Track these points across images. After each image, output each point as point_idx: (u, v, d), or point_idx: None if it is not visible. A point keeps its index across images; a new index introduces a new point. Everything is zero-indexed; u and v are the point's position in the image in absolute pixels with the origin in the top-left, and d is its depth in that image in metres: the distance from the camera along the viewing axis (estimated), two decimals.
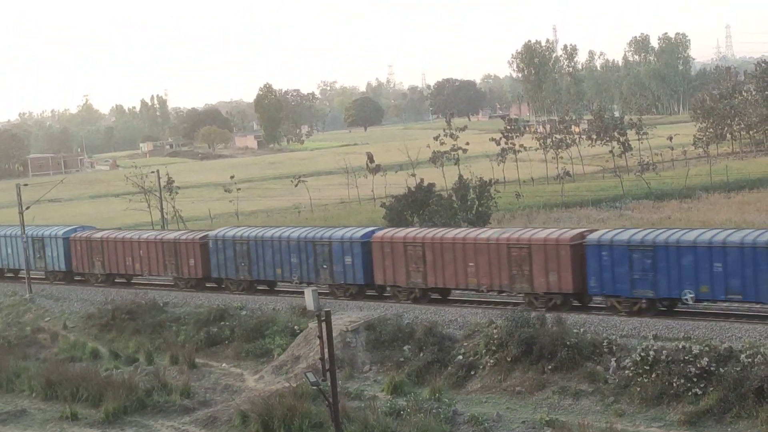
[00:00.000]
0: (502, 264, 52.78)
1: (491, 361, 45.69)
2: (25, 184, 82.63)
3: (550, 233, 52.64)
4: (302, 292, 62.40)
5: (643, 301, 48.65)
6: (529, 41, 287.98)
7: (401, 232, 59.08)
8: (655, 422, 39.00)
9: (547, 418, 40.19)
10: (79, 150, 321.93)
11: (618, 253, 48.84)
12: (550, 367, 44.04)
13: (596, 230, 53.07)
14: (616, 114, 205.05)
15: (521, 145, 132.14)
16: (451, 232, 57.06)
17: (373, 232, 60.04)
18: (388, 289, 59.04)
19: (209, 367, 53.55)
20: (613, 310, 49.50)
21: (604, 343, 44.14)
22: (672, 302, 48.69)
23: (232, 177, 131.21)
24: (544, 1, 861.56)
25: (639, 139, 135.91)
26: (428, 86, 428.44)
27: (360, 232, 60.21)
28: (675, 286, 47.30)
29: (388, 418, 41.41)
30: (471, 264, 54.16)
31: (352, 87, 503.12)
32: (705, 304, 48.18)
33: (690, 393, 39.51)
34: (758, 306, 47.11)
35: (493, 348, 45.98)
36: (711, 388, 39.14)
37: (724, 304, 47.90)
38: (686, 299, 47.42)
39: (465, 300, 57.05)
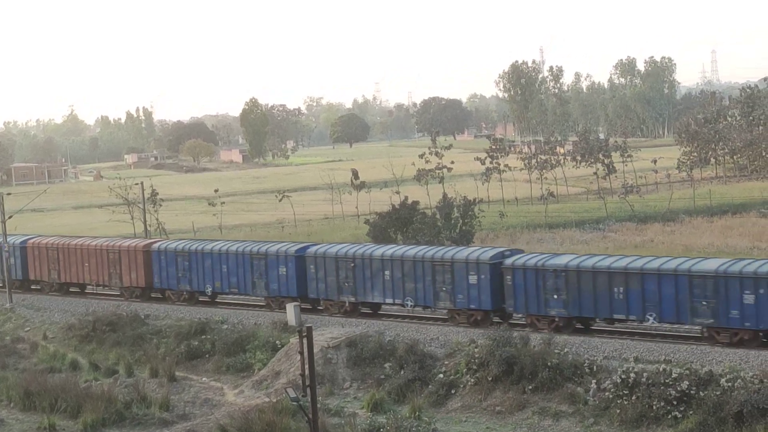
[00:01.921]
0: (104, 265, 70.73)
1: (472, 380, 45.71)
2: (8, 193, 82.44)
3: (132, 242, 71.94)
4: None
5: (185, 293, 66.09)
6: (516, 62, 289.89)
7: (45, 240, 76.87)
8: None
9: None
10: (63, 160, 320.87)
11: (170, 258, 66.68)
12: (530, 387, 44.08)
13: (164, 240, 72.49)
14: (601, 136, 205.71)
15: (506, 165, 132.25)
16: (75, 240, 75.03)
17: (29, 239, 77.65)
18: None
19: (189, 380, 53.40)
20: (171, 300, 66.74)
21: (585, 365, 44.20)
22: (199, 294, 66.04)
23: (216, 190, 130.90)
24: (531, 23, 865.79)
25: (623, 162, 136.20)
26: (414, 104, 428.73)
27: (20, 239, 77.30)
28: (201, 282, 65.22)
29: None
30: (86, 264, 71.87)
31: (338, 103, 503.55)
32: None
33: (670, 416, 39.61)
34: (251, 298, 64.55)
35: (474, 367, 46.01)
36: (691, 412, 39.25)
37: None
38: (207, 292, 65.20)
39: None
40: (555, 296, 50.24)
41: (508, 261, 52.36)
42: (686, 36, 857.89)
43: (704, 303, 45.64)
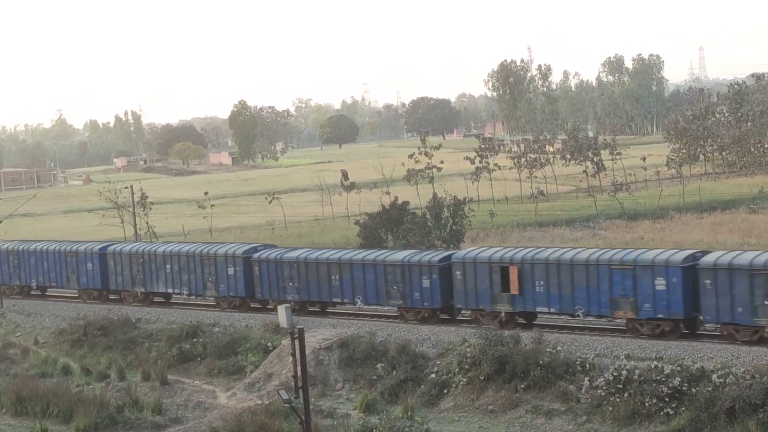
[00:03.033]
0: None
1: (464, 379, 45.71)
2: None
3: None
4: None
5: (16, 287, 75.67)
6: (505, 61, 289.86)
7: None
8: None
9: None
10: (52, 164, 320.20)
11: (3, 257, 76.07)
12: (522, 386, 44.10)
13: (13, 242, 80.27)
14: (590, 134, 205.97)
15: (495, 164, 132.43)
16: None
17: None
18: None
19: (181, 383, 53.27)
20: (6, 294, 75.16)
21: (578, 363, 44.22)
22: (28, 288, 75.79)
23: (206, 193, 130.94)
24: (519, 22, 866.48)
25: (613, 159, 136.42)
26: (403, 104, 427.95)
27: None
28: (28, 277, 75.00)
29: None
30: None
31: (327, 104, 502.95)
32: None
33: (662, 413, 39.65)
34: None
35: (466, 366, 46.01)
36: (683, 408, 39.29)
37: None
38: (33, 286, 75.08)
39: None
40: (291, 284, 59.71)
41: (256, 255, 61.75)
42: (674, 33, 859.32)
43: (395, 287, 55.18)
